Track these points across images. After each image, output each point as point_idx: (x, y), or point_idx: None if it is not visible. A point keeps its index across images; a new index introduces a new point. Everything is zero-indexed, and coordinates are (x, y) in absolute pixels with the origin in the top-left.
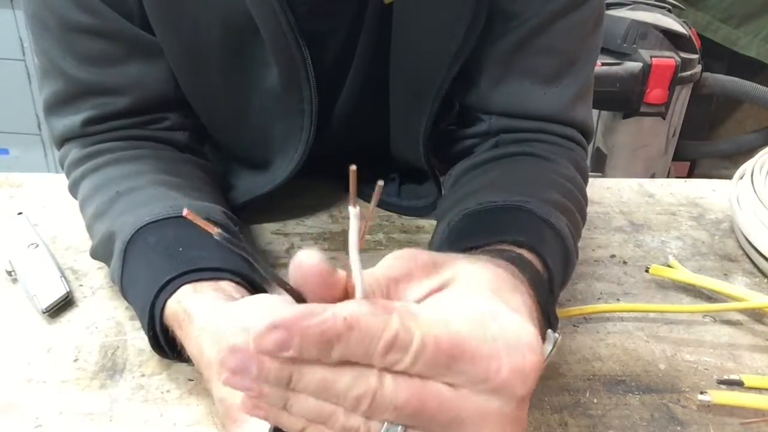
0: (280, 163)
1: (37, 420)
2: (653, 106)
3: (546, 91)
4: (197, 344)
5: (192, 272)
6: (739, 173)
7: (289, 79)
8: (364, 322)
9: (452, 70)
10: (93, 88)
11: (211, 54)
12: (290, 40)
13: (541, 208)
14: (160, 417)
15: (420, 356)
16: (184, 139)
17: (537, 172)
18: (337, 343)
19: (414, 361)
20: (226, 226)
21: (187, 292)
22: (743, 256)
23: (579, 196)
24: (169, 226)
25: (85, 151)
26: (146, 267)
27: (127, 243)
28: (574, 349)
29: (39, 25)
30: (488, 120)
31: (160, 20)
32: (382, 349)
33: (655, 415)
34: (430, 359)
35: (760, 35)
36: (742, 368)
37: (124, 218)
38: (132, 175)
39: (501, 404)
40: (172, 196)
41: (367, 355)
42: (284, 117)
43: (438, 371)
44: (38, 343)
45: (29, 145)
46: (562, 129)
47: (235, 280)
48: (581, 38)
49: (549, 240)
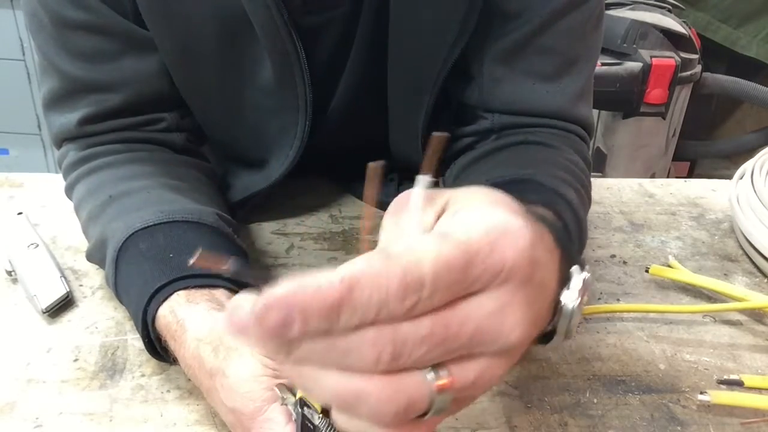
0: (275, 161)
1: (37, 420)
2: (653, 106)
3: (548, 89)
4: (196, 355)
5: (183, 279)
6: (739, 173)
7: (282, 74)
8: (364, 278)
9: (448, 63)
10: (87, 84)
11: (204, 49)
12: (284, 35)
13: (551, 181)
14: (160, 417)
15: (439, 282)
16: (181, 140)
17: (543, 155)
18: (342, 308)
19: (434, 290)
20: (218, 227)
21: (180, 302)
22: (743, 256)
23: (585, 180)
24: (160, 232)
25: (81, 154)
26: (138, 274)
27: (118, 250)
28: (574, 349)
29: (35, 22)
30: (491, 118)
31: (153, 15)
32: (396, 296)
33: (655, 415)
34: (448, 279)
35: (760, 35)
36: (742, 368)
37: (115, 224)
38: (126, 179)
39: (513, 290)
40: (166, 199)
41: (382, 311)
42: (279, 113)
43: (458, 288)
44: (38, 343)
45: (29, 145)
46: (565, 125)
47: (228, 287)
48: (582, 37)
49: (559, 204)
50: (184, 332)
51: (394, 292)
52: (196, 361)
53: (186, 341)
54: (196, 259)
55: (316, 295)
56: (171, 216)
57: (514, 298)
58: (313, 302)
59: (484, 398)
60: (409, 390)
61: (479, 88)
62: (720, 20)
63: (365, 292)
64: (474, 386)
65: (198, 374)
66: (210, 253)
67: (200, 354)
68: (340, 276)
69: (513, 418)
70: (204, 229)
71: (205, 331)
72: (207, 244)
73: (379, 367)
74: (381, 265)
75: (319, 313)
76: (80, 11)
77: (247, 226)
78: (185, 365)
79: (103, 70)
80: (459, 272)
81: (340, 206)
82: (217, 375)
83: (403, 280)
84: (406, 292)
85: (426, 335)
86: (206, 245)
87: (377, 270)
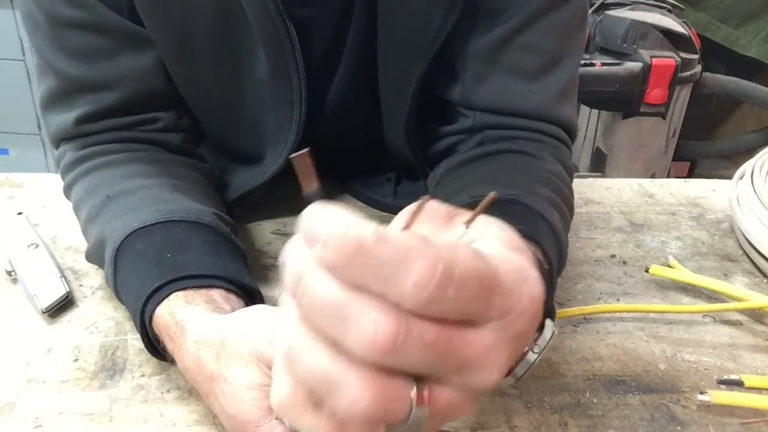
0: (271, 156)
1: (37, 420)
2: (653, 106)
3: (531, 87)
4: (195, 358)
5: (180, 279)
6: (739, 173)
7: (277, 66)
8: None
9: (428, 57)
10: (84, 83)
11: (201, 42)
12: (278, 26)
13: (535, 203)
14: (160, 417)
15: (464, 289)
16: (177, 141)
17: (525, 168)
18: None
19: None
20: (216, 227)
21: (179, 303)
22: (743, 256)
23: (567, 193)
24: (157, 232)
25: (78, 154)
26: (135, 275)
27: (116, 250)
28: (574, 349)
29: (31, 22)
30: (472, 116)
31: (149, 8)
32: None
33: (655, 415)
34: (472, 292)
35: (760, 35)
36: (742, 368)
37: (113, 224)
38: (123, 178)
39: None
40: (164, 199)
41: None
42: (275, 107)
43: (472, 307)
44: (38, 343)
45: (29, 145)
46: (547, 127)
47: (226, 288)
48: (565, 36)
49: (544, 233)
50: (184, 334)
51: (418, 272)
52: (196, 364)
53: (185, 343)
54: (298, 155)
55: (345, 228)
56: (169, 215)
57: (508, 341)
58: (337, 234)
59: (484, 398)
60: (392, 393)
61: (462, 85)
62: (720, 20)
63: (390, 252)
64: (442, 414)
65: (197, 377)
66: (307, 162)
67: (201, 357)
68: (374, 227)
69: (513, 418)
70: (202, 228)
71: (206, 334)
72: (204, 243)
73: (371, 352)
74: (418, 241)
75: (339, 246)
76: (75, 9)
77: (247, 226)
78: (183, 367)
79: (99, 69)
80: (484, 290)
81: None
82: (218, 380)
83: (433, 266)
84: (431, 280)
85: (429, 341)
86: (204, 245)
87: (412, 243)
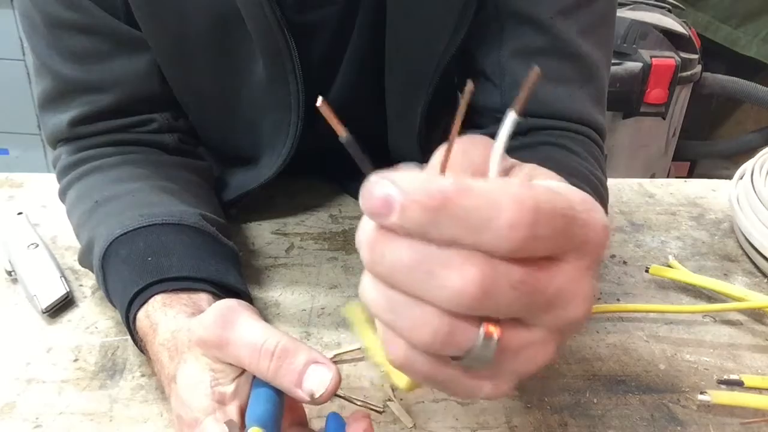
0: (268, 159)
1: (37, 420)
2: (653, 106)
3: (570, 93)
4: (158, 360)
5: (161, 282)
6: (739, 173)
7: (275, 72)
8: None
9: (446, 57)
10: (79, 85)
11: (197, 46)
12: (276, 33)
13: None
14: (160, 417)
15: (547, 225)
16: (173, 141)
17: (567, 162)
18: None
19: (540, 232)
20: (201, 227)
21: (155, 306)
22: (743, 256)
23: (603, 194)
24: (139, 236)
25: (73, 158)
26: (119, 281)
27: (101, 259)
28: (574, 349)
29: (28, 23)
30: None
31: (145, 13)
32: (507, 219)
33: (655, 415)
34: (555, 227)
35: (760, 35)
36: (742, 368)
37: (99, 230)
38: (112, 183)
39: (589, 265)
40: (150, 202)
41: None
42: (272, 111)
43: (555, 242)
44: (38, 343)
45: (29, 145)
46: (585, 129)
47: (209, 290)
48: (598, 40)
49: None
50: (155, 336)
51: (511, 215)
52: (159, 366)
53: (154, 345)
54: (323, 103)
55: (427, 185)
56: (150, 219)
57: (588, 272)
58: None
59: None
60: (457, 319)
61: (501, 93)
62: (720, 20)
63: (477, 200)
64: (516, 357)
65: (162, 380)
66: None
67: (161, 359)
68: (453, 179)
69: (513, 418)
70: (185, 230)
71: (166, 336)
72: (187, 245)
73: (461, 302)
74: (499, 184)
75: (421, 206)
76: (72, 11)
77: (247, 226)
78: (154, 370)
79: (95, 71)
80: (567, 223)
81: (340, 206)
82: (171, 381)
83: (523, 206)
84: (523, 220)
85: (518, 282)
86: (187, 246)
87: (494, 187)
